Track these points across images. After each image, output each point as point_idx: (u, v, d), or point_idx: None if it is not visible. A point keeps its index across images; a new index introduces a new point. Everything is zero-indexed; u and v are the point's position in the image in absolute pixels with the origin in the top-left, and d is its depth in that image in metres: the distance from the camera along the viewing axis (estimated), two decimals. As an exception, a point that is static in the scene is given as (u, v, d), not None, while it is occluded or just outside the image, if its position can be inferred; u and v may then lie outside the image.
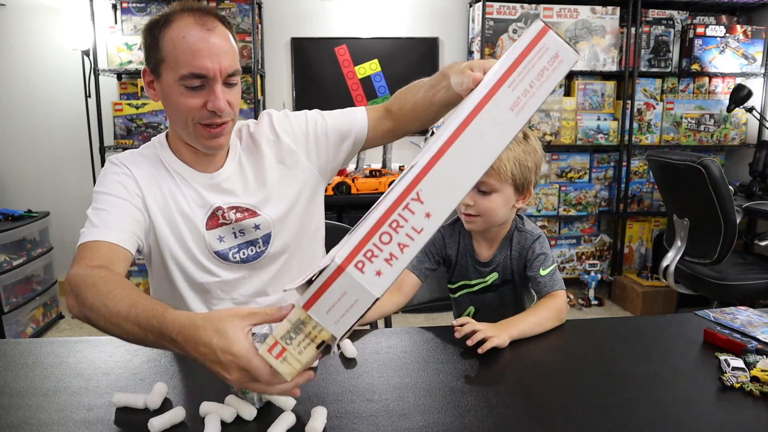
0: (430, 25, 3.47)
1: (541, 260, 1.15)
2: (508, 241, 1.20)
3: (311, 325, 0.61)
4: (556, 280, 1.15)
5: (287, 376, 0.63)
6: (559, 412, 0.76)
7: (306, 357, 0.62)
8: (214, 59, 0.98)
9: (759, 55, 3.43)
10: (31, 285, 2.91)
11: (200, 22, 1.00)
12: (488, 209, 1.12)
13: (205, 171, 1.13)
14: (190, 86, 1.00)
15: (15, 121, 3.34)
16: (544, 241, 1.18)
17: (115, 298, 0.79)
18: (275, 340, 0.62)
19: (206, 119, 1.02)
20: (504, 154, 1.05)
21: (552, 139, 3.38)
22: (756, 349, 0.90)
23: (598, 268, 3.44)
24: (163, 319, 0.72)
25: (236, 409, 0.75)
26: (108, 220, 1.00)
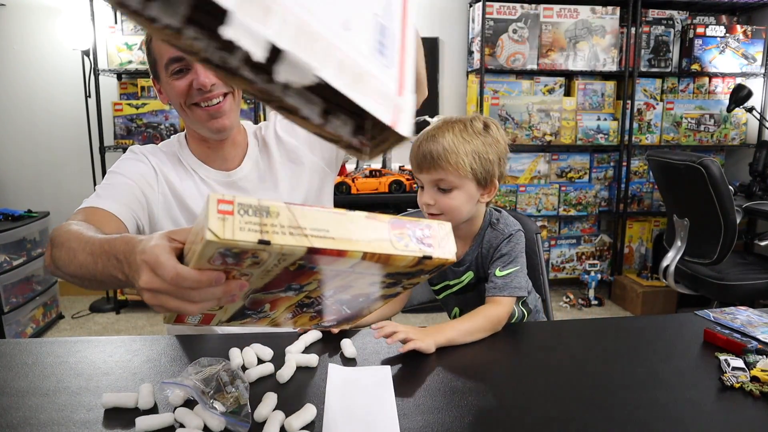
0: (430, 25, 3.48)
1: (503, 260, 1.08)
2: (480, 238, 1.14)
3: (280, 220, 0.50)
4: (509, 284, 1.06)
5: (208, 233, 0.48)
6: (559, 412, 0.76)
7: (242, 237, 0.48)
8: None
9: (759, 55, 3.43)
10: (31, 285, 2.91)
11: None
12: (450, 207, 1.07)
13: (221, 168, 1.16)
14: (175, 71, 1.03)
15: (15, 121, 3.34)
16: (515, 240, 1.11)
17: (75, 233, 0.81)
18: (233, 198, 0.50)
19: (197, 97, 1.04)
20: (462, 148, 1.03)
21: (552, 139, 3.38)
22: (756, 349, 0.90)
23: (598, 268, 3.44)
24: (113, 240, 0.70)
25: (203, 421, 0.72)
26: (111, 193, 1.04)
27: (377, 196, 2.87)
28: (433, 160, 1.04)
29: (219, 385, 0.74)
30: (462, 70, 3.56)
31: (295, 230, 0.51)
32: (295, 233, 0.50)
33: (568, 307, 3.32)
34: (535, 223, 1.47)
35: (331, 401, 0.78)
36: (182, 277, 0.54)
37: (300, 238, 0.50)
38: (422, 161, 1.06)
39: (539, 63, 3.34)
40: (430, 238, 0.58)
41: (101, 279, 0.74)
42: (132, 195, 1.06)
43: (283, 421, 0.72)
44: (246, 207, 0.49)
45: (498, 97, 3.33)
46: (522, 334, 1.07)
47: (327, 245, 0.51)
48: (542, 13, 3.30)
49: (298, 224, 0.51)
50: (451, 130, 1.05)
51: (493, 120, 1.10)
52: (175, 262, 0.56)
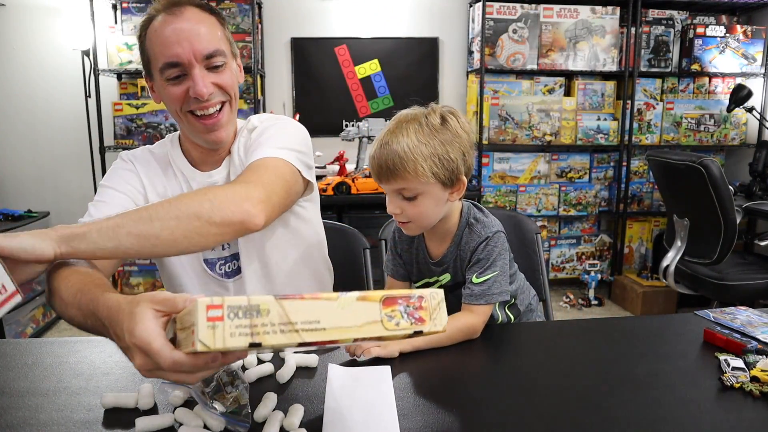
0: (430, 25, 3.48)
1: (480, 266, 1.03)
2: (458, 239, 1.07)
3: (270, 318, 0.52)
4: (486, 292, 1.01)
5: (199, 345, 0.49)
6: (559, 411, 0.76)
7: (233, 343, 0.50)
8: (185, 44, 0.97)
9: (759, 55, 3.43)
10: (31, 285, 2.91)
11: (170, 12, 0.99)
12: (418, 214, 1.00)
13: (208, 171, 1.12)
14: (171, 77, 0.99)
15: (15, 121, 3.34)
16: (492, 244, 1.03)
17: (69, 283, 0.78)
18: (223, 302, 0.50)
19: (194, 105, 1.00)
20: (419, 152, 0.95)
21: (552, 139, 3.38)
22: (756, 349, 0.90)
23: (598, 268, 3.44)
24: (97, 303, 0.69)
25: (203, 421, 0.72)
26: (104, 212, 1.01)
27: (377, 195, 2.87)
28: (390, 170, 0.96)
29: (219, 386, 0.74)
30: (462, 70, 3.56)
31: (286, 326, 0.52)
32: (285, 330, 0.52)
33: (568, 307, 3.32)
34: (535, 223, 1.46)
35: (331, 401, 0.78)
36: (180, 364, 0.56)
37: (291, 334, 0.52)
38: (380, 171, 0.98)
39: (539, 63, 3.34)
40: (421, 311, 0.59)
41: (96, 333, 0.73)
42: (123, 209, 1.04)
43: (282, 421, 0.72)
44: (236, 309, 0.50)
45: (498, 97, 3.33)
46: (522, 334, 1.07)
47: (318, 338, 0.53)
48: (542, 13, 3.30)
49: (289, 320, 0.52)
50: (405, 133, 0.96)
51: (451, 109, 1.02)
52: (170, 349, 0.57)
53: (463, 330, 0.98)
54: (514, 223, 1.42)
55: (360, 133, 2.99)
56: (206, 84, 0.99)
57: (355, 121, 3.08)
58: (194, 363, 0.56)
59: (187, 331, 0.53)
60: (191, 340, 0.51)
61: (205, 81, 0.99)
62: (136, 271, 3.25)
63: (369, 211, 2.90)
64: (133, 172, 1.10)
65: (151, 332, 0.57)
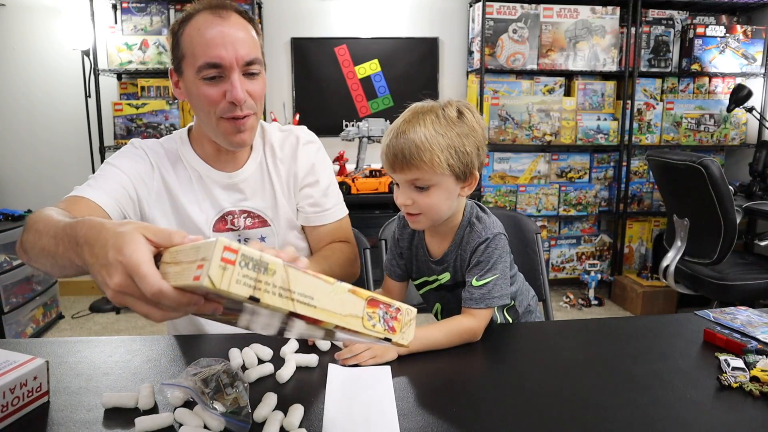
0: (430, 25, 3.48)
1: (480, 268, 1.01)
2: (459, 238, 1.06)
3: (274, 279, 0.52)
4: (486, 296, 0.99)
5: (206, 280, 0.49)
6: (559, 411, 0.76)
7: (236, 290, 0.50)
8: (229, 48, 0.99)
9: (759, 55, 3.43)
10: (31, 285, 2.91)
11: (215, 14, 1.01)
12: (429, 206, 0.98)
13: (224, 170, 1.14)
14: (208, 77, 1.00)
15: (15, 121, 3.34)
16: (492, 246, 1.02)
17: (47, 217, 0.80)
18: (239, 248, 0.51)
19: (227, 112, 1.02)
20: (436, 142, 0.94)
21: (552, 139, 3.38)
22: (756, 349, 0.90)
23: (598, 268, 3.44)
24: (77, 223, 0.67)
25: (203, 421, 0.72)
26: (100, 184, 1.04)
27: (377, 195, 2.87)
28: (405, 159, 0.95)
29: (219, 386, 0.74)
30: (462, 70, 3.56)
31: (285, 292, 0.53)
32: (283, 295, 0.53)
33: (568, 307, 3.32)
34: (535, 223, 1.46)
35: (331, 401, 0.78)
36: (163, 295, 0.54)
37: (287, 301, 0.53)
38: (394, 160, 0.97)
39: (539, 63, 3.34)
40: (395, 321, 0.63)
41: (61, 264, 0.71)
42: (122, 189, 1.06)
43: (282, 421, 0.72)
44: (248, 260, 0.51)
45: (498, 97, 3.33)
46: (522, 334, 1.07)
47: (308, 312, 0.55)
48: (542, 13, 3.30)
49: (289, 287, 0.54)
50: (422, 123, 0.95)
51: (466, 104, 1.01)
52: (159, 277, 0.55)
53: (462, 334, 0.97)
54: (514, 223, 1.42)
55: (360, 133, 2.99)
56: (243, 89, 1.01)
57: (355, 121, 3.08)
58: (178, 299, 0.54)
59: (185, 266, 0.53)
60: (191, 274, 0.51)
61: (242, 86, 1.01)
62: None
63: (369, 211, 2.90)
64: (144, 159, 1.11)
65: (142, 255, 0.55)
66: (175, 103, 3.16)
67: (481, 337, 0.99)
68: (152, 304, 0.57)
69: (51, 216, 0.81)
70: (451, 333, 0.95)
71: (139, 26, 3.21)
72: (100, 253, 0.59)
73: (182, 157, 1.14)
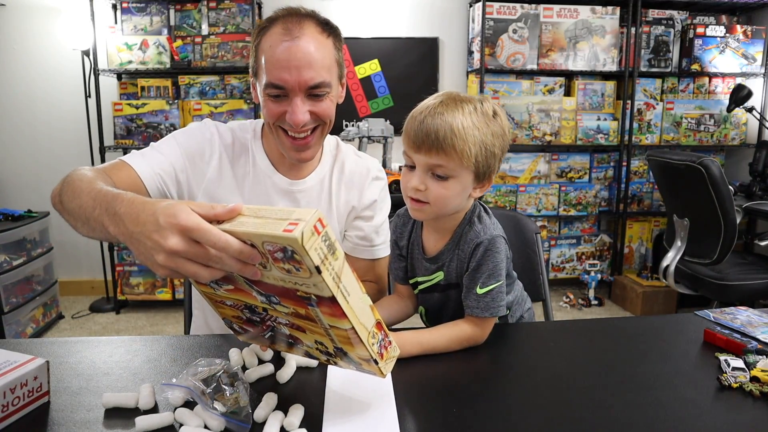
0: (430, 25, 3.48)
1: (482, 273, 0.95)
2: (457, 236, 1.00)
3: (335, 264, 0.61)
4: (490, 304, 0.95)
5: (297, 235, 0.56)
6: (559, 411, 0.76)
7: (312, 254, 0.58)
8: (294, 72, 0.99)
9: (759, 55, 3.43)
10: (31, 285, 2.91)
11: (288, 31, 1.00)
12: (441, 197, 0.92)
13: (287, 175, 1.15)
14: (272, 95, 1.02)
15: (15, 121, 3.34)
16: (494, 249, 0.96)
17: (88, 179, 0.85)
18: (326, 225, 0.60)
19: (286, 126, 1.04)
20: (471, 134, 0.89)
21: (552, 139, 3.38)
22: (756, 349, 0.90)
23: (598, 268, 3.44)
24: (116, 198, 0.72)
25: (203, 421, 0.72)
26: (152, 157, 1.06)
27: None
28: (437, 142, 0.89)
29: (219, 386, 0.74)
30: (462, 70, 3.56)
31: (336, 278, 0.62)
32: (335, 279, 0.62)
33: (568, 307, 3.32)
34: (535, 223, 1.46)
35: (331, 401, 0.78)
36: (230, 245, 0.61)
37: (334, 285, 0.62)
38: (423, 140, 0.90)
39: (539, 63, 3.34)
40: (385, 350, 0.72)
41: (93, 225, 0.76)
42: (170, 168, 1.07)
43: (283, 421, 0.72)
44: (327, 237, 0.60)
45: (498, 97, 3.34)
46: (522, 334, 1.07)
47: (342, 303, 0.63)
48: (542, 13, 3.30)
49: (341, 276, 0.63)
50: (460, 110, 0.90)
51: (501, 109, 0.98)
52: (219, 230, 0.61)
53: (464, 342, 0.94)
54: (514, 223, 1.42)
55: (360, 133, 2.99)
56: (303, 112, 1.01)
57: (355, 121, 3.08)
58: (241, 250, 0.61)
59: (271, 221, 0.60)
60: (281, 227, 0.58)
61: (303, 109, 1.02)
62: (136, 272, 3.25)
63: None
64: (210, 144, 1.12)
65: (197, 217, 0.62)
66: (175, 103, 3.16)
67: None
68: (202, 265, 0.63)
69: (92, 179, 0.85)
70: (453, 341, 0.93)
71: (139, 26, 3.21)
72: (149, 220, 0.63)
73: (250, 150, 1.14)
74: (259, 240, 0.60)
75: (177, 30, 3.21)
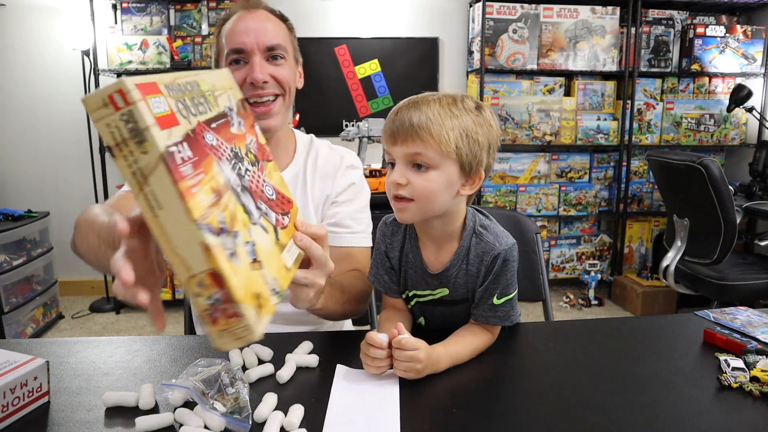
0: (430, 25, 3.48)
1: (500, 286, 0.93)
2: (463, 251, 0.95)
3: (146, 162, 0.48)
4: (510, 313, 0.94)
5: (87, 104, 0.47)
6: (560, 411, 0.76)
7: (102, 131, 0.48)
8: (251, 34, 1.08)
9: (759, 55, 3.43)
10: (31, 285, 2.91)
11: (246, 11, 1.11)
12: (425, 191, 0.86)
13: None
14: (233, 60, 1.09)
15: (15, 121, 3.34)
16: (510, 259, 0.93)
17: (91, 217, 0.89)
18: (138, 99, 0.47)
19: (249, 93, 1.08)
20: (448, 122, 0.85)
21: (552, 139, 3.38)
22: (756, 349, 0.90)
23: (598, 268, 3.44)
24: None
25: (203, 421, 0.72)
26: None
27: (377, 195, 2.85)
28: (411, 129, 0.85)
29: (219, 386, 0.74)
30: (462, 70, 3.56)
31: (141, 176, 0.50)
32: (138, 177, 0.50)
33: (568, 307, 3.32)
34: (535, 223, 1.46)
35: (336, 401, 0.78)
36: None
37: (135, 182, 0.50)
38: (398, 130, 0.86)
39: (539, 63, 3.34)
40: (224, 318, 0.56)
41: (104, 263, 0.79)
42: None
43: (283, 421, 0.72)
44: (133, 119, 0.47)
45: (498, 97, 3.34)
46: (522, 334, 1.07)
47: (145, 212, 0.52)
48: (542, 13, 3.30)
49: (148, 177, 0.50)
50: (437, 102, 0.88)
51: (487, 105, 0.94)
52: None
53: (481, 351, 0.94)
54: (514, 223, 1.42)
55: (360, 133, 2.99)
56: (263, 72, 1.08)
57: (355, 121, 3.08)
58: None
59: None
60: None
61: (263, 69, 1.08)
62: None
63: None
64: None
65: None
66: (175, 103, 3.16)
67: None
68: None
69: (95, 216, 0.88)
70: (475, 352, 0.92)
71: (139, 26, 3.21)
72: None
73: None
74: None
75: (177, 30, 3.21)
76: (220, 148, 0.60)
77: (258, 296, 0.57)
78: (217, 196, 0.54)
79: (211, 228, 0.51)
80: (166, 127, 0.49)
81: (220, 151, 0.59)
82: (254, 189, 0.67)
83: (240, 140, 0.69)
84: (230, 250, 0.53)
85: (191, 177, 0.50)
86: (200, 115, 0.58)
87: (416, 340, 0.83)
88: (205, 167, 0.54)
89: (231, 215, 0.56)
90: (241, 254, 0.56)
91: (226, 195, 0.56)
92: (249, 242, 0.59)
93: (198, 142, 0.55)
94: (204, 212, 0.51)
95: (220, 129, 0.63)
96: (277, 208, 0.74)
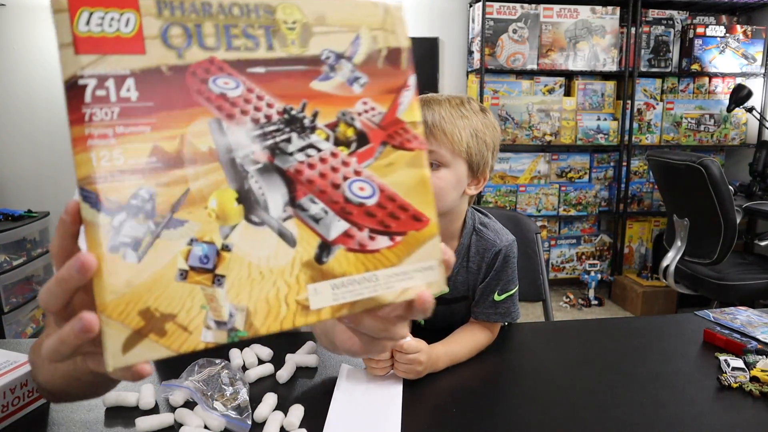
0: (430, 25, 3.48)
1: (502, 282, 0.95)
2: (464, 249, 0.96)
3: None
4: (510, 309, 0.96)
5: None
6: (560, 411, 0.76)
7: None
8: None
9: (759, 55, 3.43)
10: (31, 285, 2.91)
11: None
12: (435, 189, 0.81)
13: None
14: None
15: (15, 121, 3.34)
16: (511, 255, 0.95)
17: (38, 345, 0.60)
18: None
19: None
20: (459, 122, 0.89)
21: (552, 139, 3.38)
22: (756, 349, 0.90)
23: (598, 268, 3.44)
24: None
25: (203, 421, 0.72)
26: None
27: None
28: (425, 127, 0.87)
29: (219, 386, 0.74)
30: (462, 70, 3.56)
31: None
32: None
33: (568, 307, 3.32)
34: (535, 223, 1.46)
35: (338, 401, 0.78)
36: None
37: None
38: None
39: (539, 63, 3.34)
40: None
41: (85, 380, 0.54)
42: None
43: (283, 421, 0.72)
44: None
45: (498, 97, 3.34)
46: (522, 334, 1.07)
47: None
48: (542, 13, 3.30)
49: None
50: (447, 102, 0.91)
51: (488, 108, 0.98)
52: None
53: (480, 350, 0.94)
54: (514, 223, 1.42)
55: (360, 133, 2.99)
56: None
57: (355, 121, 3.08)
58: None
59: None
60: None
61: None
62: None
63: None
64: None
65: None
66: (175, 103, 3.16)
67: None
68: None
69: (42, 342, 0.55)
70: (474, 350, 0.93)
71: (139, 26, 3.21)
72: None
73: None
74: None
75: (177, 30, 3.21)
76: (240, 102, 0.40)
77: (151, 316, 0.37)
78: (168, 164, 0.37)
79: (104, 199, 0.35)
80: (98, 51, 0.37)
81: (235, 106, 0.40)
82: (307, 177, 0.42)
83: (335, 103, 0.45)
84: (128, 237, 0.36)
85: (105, 125, 0.37)
86: (234, 51, 0.40)
87: (417, 342, 0.83)
88: (168, 120, 0.38)
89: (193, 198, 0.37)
90: (158, 250, 0.37)
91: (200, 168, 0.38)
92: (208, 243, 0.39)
93: (177, 84, 0.39)
94: (96, 174, 0.36)
95: (280, 77, 0.41)
96: (364, 220, 0.45)
